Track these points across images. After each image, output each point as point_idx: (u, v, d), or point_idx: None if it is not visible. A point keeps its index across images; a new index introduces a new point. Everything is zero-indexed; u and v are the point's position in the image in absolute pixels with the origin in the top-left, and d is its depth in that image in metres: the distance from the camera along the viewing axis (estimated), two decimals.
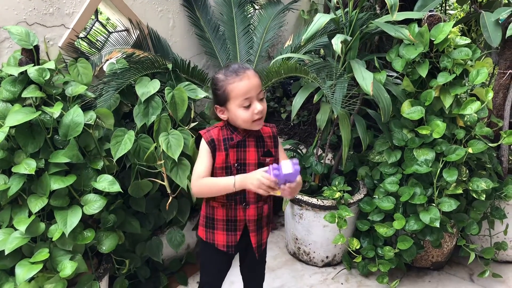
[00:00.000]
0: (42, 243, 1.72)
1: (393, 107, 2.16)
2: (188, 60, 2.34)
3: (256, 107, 1.45)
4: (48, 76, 1.73)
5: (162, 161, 1.98)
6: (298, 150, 2.60)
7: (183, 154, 1.99)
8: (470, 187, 2.13)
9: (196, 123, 2.14)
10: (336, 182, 2.36)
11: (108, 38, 2.39)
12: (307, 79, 2.13)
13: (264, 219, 1.62)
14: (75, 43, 2.19)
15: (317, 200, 2.32)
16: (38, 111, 1.70)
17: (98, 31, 2.41)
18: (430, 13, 2.15)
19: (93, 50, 2.29)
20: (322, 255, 2.48)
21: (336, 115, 2.12)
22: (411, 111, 2.18)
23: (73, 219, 1.70)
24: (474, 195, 2.14)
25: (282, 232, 2.81)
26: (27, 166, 1.66)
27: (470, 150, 2.08)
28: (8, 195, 1.66)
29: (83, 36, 2.32)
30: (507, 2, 2.54)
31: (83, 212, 1.73)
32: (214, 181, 1.50)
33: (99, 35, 2.42)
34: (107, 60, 2.28)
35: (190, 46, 2.76)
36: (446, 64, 2.11)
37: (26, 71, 1.72)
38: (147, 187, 2.05)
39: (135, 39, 2.40)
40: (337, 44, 1.91)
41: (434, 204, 2.13)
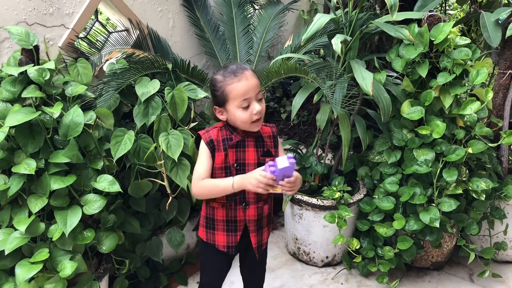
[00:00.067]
0: (42, 243, 1.72)
1: (393, 107, 2.16)
2: (188, 60, 2.34)
3: (255, 107, 1.44)
4: (48, 76, 1.73)
5: (162, 161, 1.98)
6: (298, 150, 2.60)
7: (183, 154, 1.99)
8: (470, 187, 2.13)
9: (196, 123, 2.14)
10: (336, 182, 2.36)
11: (108, 38, 2.39)
12: (307, 79, 2.13)
13: (264, 219, 1.62)
14: (75, 43, 2.19)
15: (317, 200, 2.33)
16: (38, 111, 1.70)
17: (98, 31, 2.42)
18: (430, 13, 2.15)
19: (93, 50, 2.29)
20: (322, 255, 2.48)
21: (336, 115, 2.12)
22: (411, 111, 2.18)
23: (73, 219, 1.70)
24: (474, 195, 2.14)
25: (282, 232, 2.81)
26: (27, 166, 1.66)
27: (470, 150, 2.08)
28: (8, 195, 1.66)
29: (83, 36, 2.32)
30: (507, 2, 2.54)
31: (83, 212, 1.73)
32: (214, 183, 1.50)
33: (99, 35, 2.42)
34: (107, 60, 2.28)
35: (190, 46, 2.76)
36: (446, 64, 2.11)
37: (26, 71, 1.72)
38: (147, 187, 2.05)
39: (135, 39, 2.40)
40: (337, 44, 1.91)
41: (434, 204, 2.13)
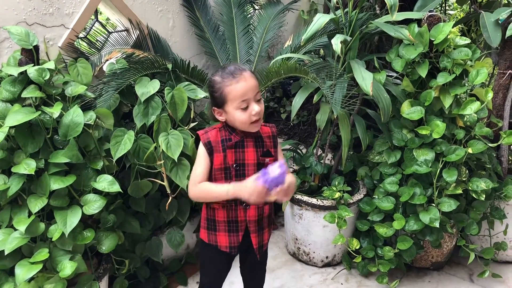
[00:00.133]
0: (42, 243, 1.72)
1: (392, 107, 2.16)
2: (188, 60, 2.34)
3: (254, 108, 1.44)
4: (47, 76, 1.73)
5: (162, 161, 1.98)
6: (298, 150, 2.60)
7: (183, 154, 1.99)
8: (470, 187, 2.13)
9: (195, 123, 2.14)
10: (336, 182, 2.36)
11: (108, 38, 2.39)
12: (307, 79, 2.13)
13: (265, 220, 1.62)
14: (75, 43, 2.19)
15: (316, 200, 2.32)
16: (37, 111, 1.70)
17: (98, 31, 2.41)
18: (430, 13, 2.15)
19: (93, 50, 2.29)
20: (322, 255, 2.48)
21: (335, 115, 2.12)
22: (410, 111, 2.18)
23: (72, 219, 1.70)
24: (474, 195, 2.14)
25: (282, 232, 2.81)
26: (27, 166, 1.66)
27: (470, 150, 2.08)
28: (8, 195, 1.66)
29: (83, 36, 2.32)
30: (506, 2, 2.54)
31: (82, 212, 1.73)
32: (210, 188, 1.50)
33: (99, 35, 2.42)
34: (107, 60, 2.28)
35: (190, 46, 2.76)
36: (445, 64, 2.11)
37: (25, 71, 1.72)
38: (147, 187, 2.05)
39: (135, 39, 2.40)
40: (336, 44, 1.91)
41: (434, 204, 2.13)
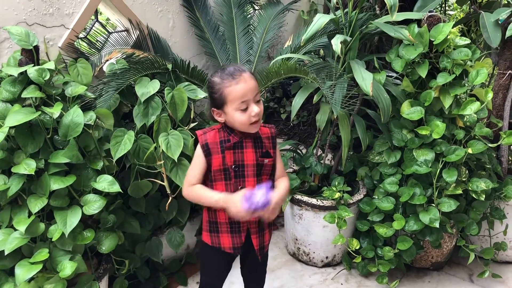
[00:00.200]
0: (42, 243, 1.72)
1: (392, 107, 2.16)
2: (188, 60, 2.34)
3: (253, 109, 1.44)
4: (48, 77, 1.73)
5: (162, 161, 1.98)
6: (298, 150, 2.60)
7: (183, 154, 1.99)
8: (470, 188, 2.13)
9: (195, 123, 2.14)
10: (336, 183, 2.36)
11: (108, 39, 2.39)
12: (307, 79, 2.13)
13: (265, 221, 1.62)
14: (75, 43, 2.19)
15: (316, 201, 2.32)
16: (37, 111, 1.70)
17: (98, 32, 2.42)
18: (430, 13, 2.15)
19: (93, 50, 2.29)
20: (322, 255, 2.48)
21: (335, 116, 2.12)
22: (410, 111, 2.18)
23: (72, 219, 1.70)
24: (474, 195, 2.14)
25: (282, 232, 2.81)
26: (27, 166, 1.66)
27: (470, 151, 2.08)
28: (8, 195, 1.66)
29: (83, 36, 2.32)
30: (506, 2, 2.54)
31: (82, 212, 1.73)
32: (202, 193, 1.52)
33: (99, 35, 2.42)
34: (107, 60, 2.28)
35: (190, 47, 2.76)
36: (445, 64, 2.11)
37: (26, 71, 1.72)
38: (147, 187, 2.05)
39: (135, 39, 2.40)
40: (336, 44, 1.91)
41: (434, 205, 2.13)
